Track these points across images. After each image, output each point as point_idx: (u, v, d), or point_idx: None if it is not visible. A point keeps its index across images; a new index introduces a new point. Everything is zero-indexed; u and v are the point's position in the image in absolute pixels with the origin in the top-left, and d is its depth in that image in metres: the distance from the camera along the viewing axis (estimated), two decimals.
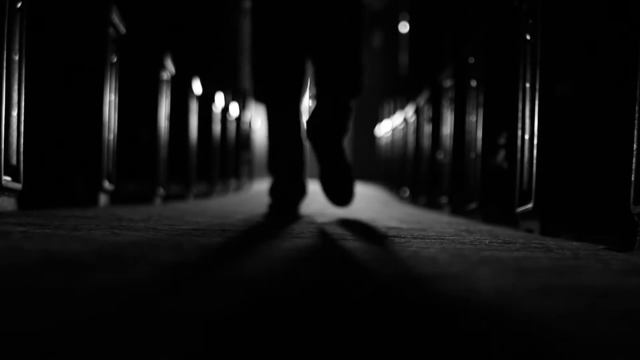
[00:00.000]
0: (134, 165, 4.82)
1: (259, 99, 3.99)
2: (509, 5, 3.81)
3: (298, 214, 3.91)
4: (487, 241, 2.65)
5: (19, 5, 3.16)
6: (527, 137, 3.28)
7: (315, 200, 4.95)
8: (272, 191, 3.94)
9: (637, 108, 2.30)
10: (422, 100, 6.45)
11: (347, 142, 4.02)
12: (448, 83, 5.19)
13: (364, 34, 3.90)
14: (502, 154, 3.96)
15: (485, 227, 3.49)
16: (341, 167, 3.93)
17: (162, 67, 5.02)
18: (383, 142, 9.98)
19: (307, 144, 4.00)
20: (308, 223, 3.35)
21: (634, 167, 2.32)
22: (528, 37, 3.30)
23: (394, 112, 8.65)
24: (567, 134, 3.06)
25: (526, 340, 1.05)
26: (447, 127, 5.16)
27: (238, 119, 8.51)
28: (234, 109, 8.11)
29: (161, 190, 5.02)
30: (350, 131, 4.25)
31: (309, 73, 3.92)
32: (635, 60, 2.46)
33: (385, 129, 9.63)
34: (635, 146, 2.31)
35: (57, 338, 0.92)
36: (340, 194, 3.93)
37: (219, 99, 7.11)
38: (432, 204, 5.77)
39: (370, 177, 12.23)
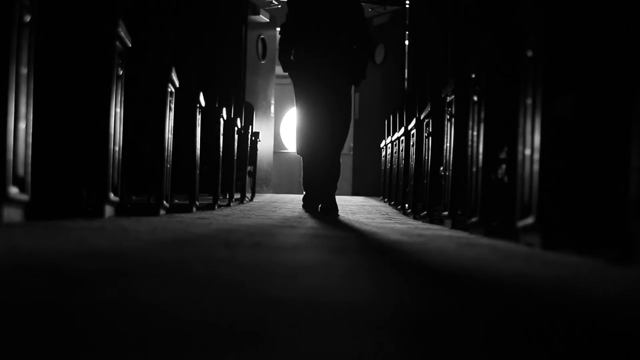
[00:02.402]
0: (139, 177, 4.86)
1: (300, 154, 6.62)
2: (511, 21, 3.86)
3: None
4: (488, 256, 2.68)
5: (27, 19, 3.21)
6: (527, 152, 3.31)
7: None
8: (305, 199, 6.67)
9: (634, 125, 2.34)
10: (423, 114, 6.49)
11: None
12: (450, 98, 5.23)
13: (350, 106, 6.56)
14: (503, 168, 3.99)
15: (486, 241, 3.52)
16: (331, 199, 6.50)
17: (168, 80, 5.07)
18: (386, 156, 10.01)
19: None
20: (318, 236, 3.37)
21: (632, 181, 2.36)
22: (529, 54, 3.34)
23: (396, 126, 8.69)
24: (567, 149, 3.10)
25: None
26: (449, 142, 5.20)
27: (242, 132, 8.55)
28: (239, 121, 8.15)
29: (165, 202, 5.05)
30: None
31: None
32: (635, 77, 2.50)
33: (388, 143, 9.66)
34: (632, 162, 2.35)
35: None
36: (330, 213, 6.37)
37: (224, 111, 7.15)
38: (433, 218, 5.80)
39: (373, 191, 12.24)
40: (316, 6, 6.30)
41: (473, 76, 4.49)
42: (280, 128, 16.59)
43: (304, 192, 6.74)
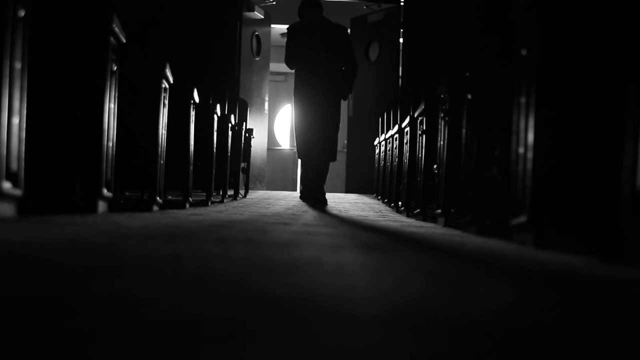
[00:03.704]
0: (133, 173, 4.85)
1: (300, 156, 8.07)
2: (505, 20, 3.87)
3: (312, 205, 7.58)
4: (480, 253, 2.69)
5: (22, 14, 3.20)
6: (521, 150, 3.32)
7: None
8: (302, 193, 8.21)
9: (627, 124, 2.35)
10: (417, 112, 6.51)
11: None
12: (444, 96, 5.24)
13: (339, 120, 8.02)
14: (496, 166, 4.00)
15: (479, 240, 3.53)
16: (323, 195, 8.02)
17: (162, 76, 5.06)
18: (379, 153, 10.02)
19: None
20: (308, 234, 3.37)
21: (624, 180, 2.37)
22: (523, 52, 3.35)
23: (390, 124, 8.69)
24: (561, 148, 3.10)
25: None
26: (442, 139, 5.20)
27: (236, 128, 8.54)
28: (232, 118, 8.15)
29: (159, 199, 5.05)
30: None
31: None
32: (629, 76, 2.50)
33: (381, 140, 9.67)
34: (625, 161, 2.36)
35: None
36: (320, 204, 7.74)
37: (218, 108, 7.15)
38: (426, 216, 5.81)
39: (367, 188, 12.24)
40: (311, 35, 7.86)
41: (467, 74, 4.49)
42: (274, 125, 16.58)
43: (301, 186, 8.35)
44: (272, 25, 13.26)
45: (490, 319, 1.38)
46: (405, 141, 7.16)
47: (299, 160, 8.33)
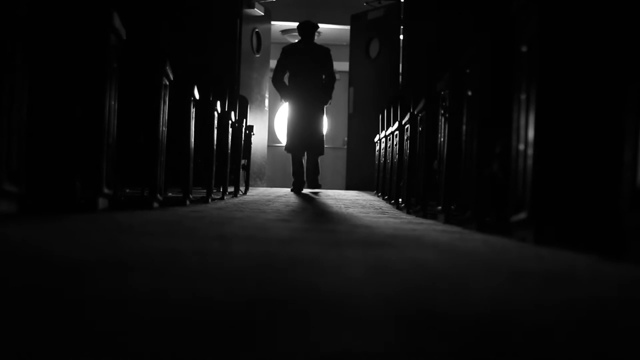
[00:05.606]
0: (133, 170, 4.85)
1: (290, 151, 10.05)
2: (506, 17, 3.87)
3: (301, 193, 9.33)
4: (481, 249, 2.69)
5: (22, 12, 3.20)
6: (521, 147, 3.32)
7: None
8: (294, 184, 9.99)
9: (626, 121, 2.35)
10: (417, 109, 6.50)
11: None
12: (444, 92, 5.24)
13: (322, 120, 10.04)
14: (497, 163, 4.00)
15: (479, 236, 3.53)
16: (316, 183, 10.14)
17: (162, 73, 5.06)
18: (379, 150, 10.02)
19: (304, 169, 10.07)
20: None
21: (624, 176, 2.37)
22: (524, 49, 3.35)
23: (390, 121, 8.69)
24: (561, 145, 3.11)
25: None
26: (443, 136, 5.20)
27: (236, 125, 8.54)
28: (233, 115, 8.15)
29: (159, 196, 5.05)
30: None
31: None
32: (628, 73, 2.50)
33: (382, 137, 9.67)
34: (626, 157, 2.36)
35: None
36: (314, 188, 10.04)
37: (218, 105, 7.15)
38: (426, 213, 5.81)
39: (367, 185, 12.24)
40: (301, 56, 9.83)
41: (467, 71, 4.49)
42: (275, 122, 16.58)
43: (293, 179, 10.07)
44: (272, 22, 13.25)
45: (489, 316, 1.39)
46: (405, 138, 7.16)
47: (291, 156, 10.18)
